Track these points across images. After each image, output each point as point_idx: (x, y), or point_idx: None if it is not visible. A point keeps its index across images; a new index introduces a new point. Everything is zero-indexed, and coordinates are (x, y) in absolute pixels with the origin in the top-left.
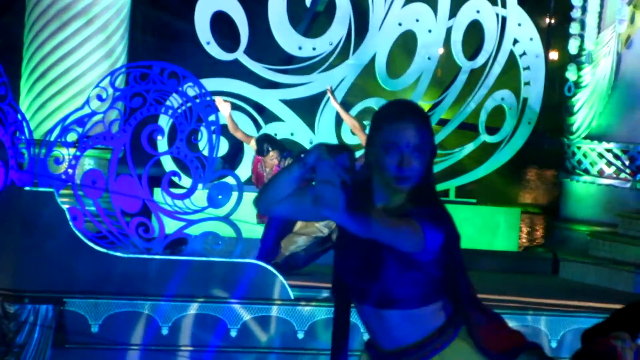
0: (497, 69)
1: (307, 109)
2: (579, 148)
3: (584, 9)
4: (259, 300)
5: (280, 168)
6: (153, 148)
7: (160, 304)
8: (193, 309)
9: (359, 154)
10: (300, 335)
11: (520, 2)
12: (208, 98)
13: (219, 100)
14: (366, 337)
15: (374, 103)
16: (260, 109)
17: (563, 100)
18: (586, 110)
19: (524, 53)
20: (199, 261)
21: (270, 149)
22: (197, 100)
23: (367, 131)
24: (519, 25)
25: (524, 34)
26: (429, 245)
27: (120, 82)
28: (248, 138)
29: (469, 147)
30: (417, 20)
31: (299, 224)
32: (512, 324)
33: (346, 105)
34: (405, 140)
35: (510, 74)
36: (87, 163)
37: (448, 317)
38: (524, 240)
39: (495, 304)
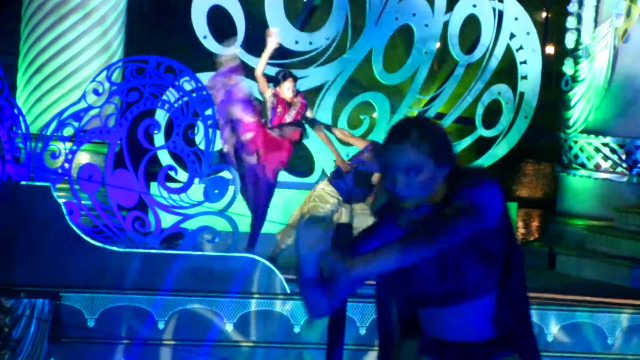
0: (494, 63)
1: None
2: (575, 142)
3: (580, 3)
4: (255, 295)
5: (295, 101)
6: (149, 142)
7: (157, 298)
8: (189, 303)
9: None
10: (297, 329)
11: None
12: (204, 92)
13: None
14: (362, 331)
15: (371, 97)
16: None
17: (560, 95)
18: (583, 104)
19: (521, 47)
20: (195, 255)
21: (284, 78)
22: (194, 95)
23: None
24: (516, 19)
25: (520, 28)
26: (488, 215)
27: (116, 76)
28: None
29: (466, 141)
30: (414, 15)
31: (293, 216)
32: None
33: (344, 97)
34: (396, 162)
35: (507, 68)
36: (84, 157)
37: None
38: (520, 235)
39: None
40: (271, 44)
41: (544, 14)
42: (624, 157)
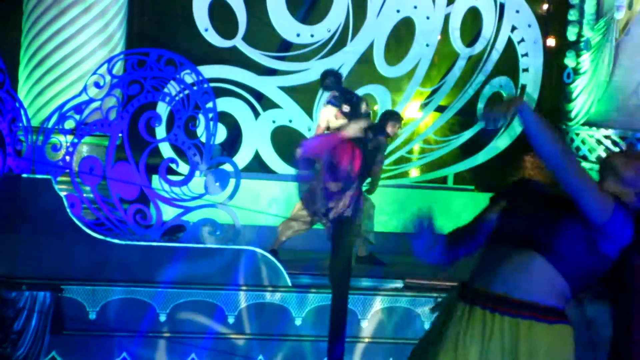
0: (495, 55)
1: (305, 95)
2: (577, 134)
3: None
4: (256, 287)
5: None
6: (151, 135)
7: (158, 291)
8: (191, 295)
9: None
10: (298, 322)
11: None
12: (205, 85)
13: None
14: (363, 324)
15: (372, 90)
16: (258, 95)
17: (561, 87)
18: (584, 96)
19: (522, 40)
20: (196, 248)
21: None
22: (195, 87)
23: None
24: (517, 12)
25: (522, 20)
26: (611, 225)
27: (118, 69)
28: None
29: (467, 134)
30: (415, 7)
31: (296, 208)
32: None
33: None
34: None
35: (509, 61)
36: (85, 150)
37: (564, 309)
38: None
39: None
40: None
41: (545, 7)
42: (626, 149)
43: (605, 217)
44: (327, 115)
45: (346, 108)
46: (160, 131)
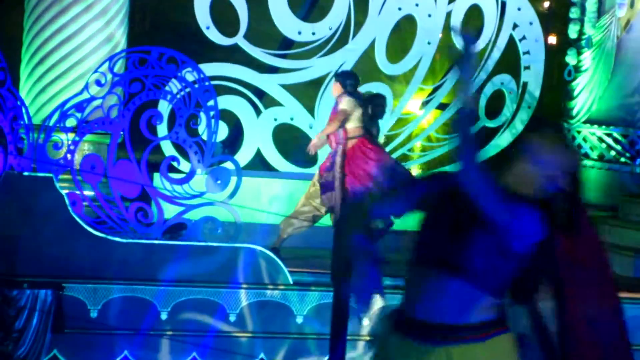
0: (497, 53)
1: (307, 93)
2: (579, 132)
3: None
4: (257, 285)
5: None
6: (152, 133)
7: (159, 289)
8: (192, 293)
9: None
10: (299, 320)
11: None
12: (207, 83)
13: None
14: (364, 321)
15: (374, 88)
16: (259, 93)
17: (563, 85)
18: (586, 94)
19: (524, 37)
20: (197, 246)
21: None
22: (196, 85)
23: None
24: (519, 9)
25: (523, 18)
26: (516, 224)
27: (119, 67)
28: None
29: None
30: (417, 5)
31: (298, 205)
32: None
33: None
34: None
35: (510, 59)
36: (86, 148)
37: (497, 318)
38: None
39: None
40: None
41: (547, 4)
42: (627, 147)
43: (510, 217)
44: (345, 117)
45: (371, 110)
46: (162, 129)
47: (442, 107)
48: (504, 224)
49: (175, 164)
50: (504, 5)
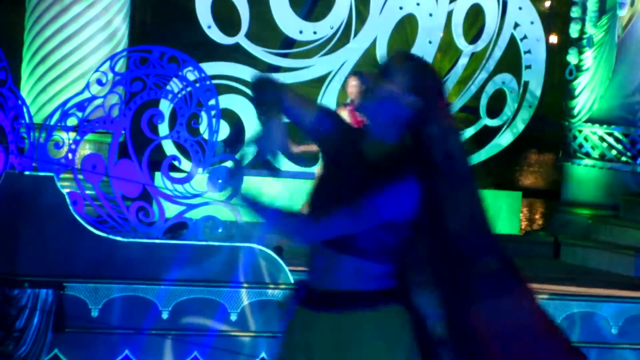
0: (498, 52)
1: (308, 92)
2: (580, 131)
3: None
4: (259, 284)
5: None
6: (153, 132)
7: (161, 288)
8: (193, 293)
9: None
10: None
11: None
12: (208, 82)
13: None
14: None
15: None
16: None
17: (564, 84)
18: (587, 93)
19: (525, 37)
20: (199, 245)
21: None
22: (197, 85)
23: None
24: (520, 9)
25: (524, 17)
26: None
27: (120, 66)
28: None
29: (470, 131)
30: (418, 4)
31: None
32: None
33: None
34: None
35: (511, 58)
36: (87, 147)
37: (388, 288)
38: (525, 224)
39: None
40: None
41: (548, 4)
42: (628, 146)
43: (380, 207)
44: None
45: None
46: (163, 128)
47: None
48: (381, 217)
49: (176, 163)
50: (505, 4)
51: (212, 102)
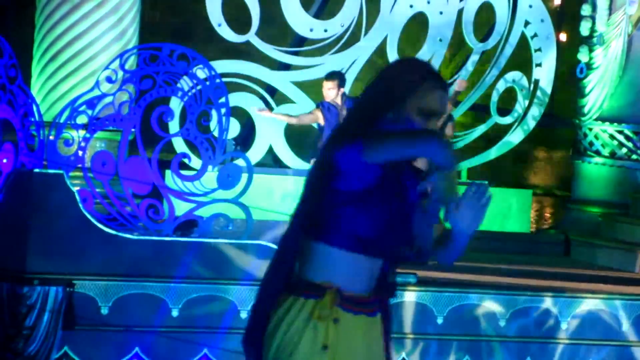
0: (509, 50)
1: (319, 90)
2: (590, 130)
3: None
4: None
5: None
6: (163, 130)
7: (171, 286)
8: (203, 290)
9: None
10: None
11: None
12: (218, 80)
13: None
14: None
15: None
16: (271, 90)
17: (574, 82)
18: (598, 91)
19: (535, 35)
20: (208, 243)
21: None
22: (207, 83)
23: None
24: (530, 7)
25: (535, 15)
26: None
27: (130, 64)
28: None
29: (481, 129)
30: (429, 2)
31: None
32: (523, 305)
33: (359, 85)
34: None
35: (522, 56)
36: (97, 145)
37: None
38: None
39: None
40: None
41: (558, 2)
42: (639, 144)
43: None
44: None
45: None
46: (173, 126)
47: (454, 104)
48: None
49: (186, 160)
50: (515, 2)
51: (222, 99)
